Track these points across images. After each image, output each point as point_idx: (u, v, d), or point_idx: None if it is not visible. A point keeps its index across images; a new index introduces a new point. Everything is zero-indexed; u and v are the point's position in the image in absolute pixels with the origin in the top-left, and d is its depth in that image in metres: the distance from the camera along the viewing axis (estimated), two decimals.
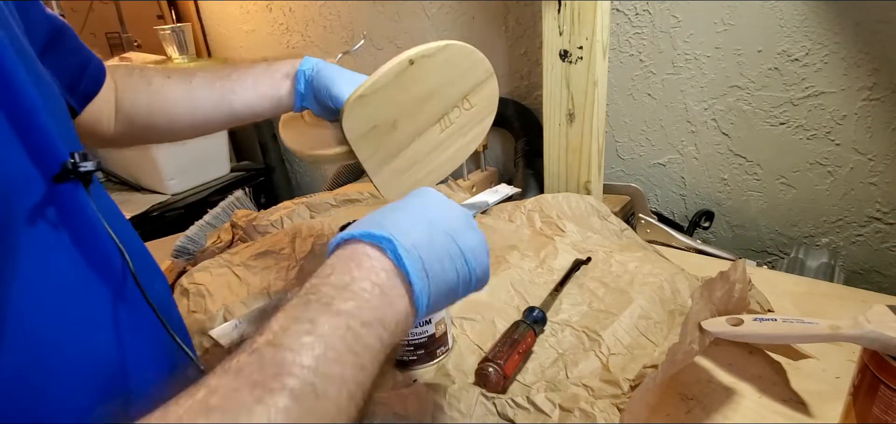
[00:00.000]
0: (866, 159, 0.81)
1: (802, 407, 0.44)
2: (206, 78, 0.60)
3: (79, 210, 0.38)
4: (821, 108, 0.82)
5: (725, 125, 0.92)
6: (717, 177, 0.96)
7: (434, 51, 0.55)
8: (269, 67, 0.60)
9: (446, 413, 0.45)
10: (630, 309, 0.55)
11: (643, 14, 0.93)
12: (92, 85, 0.55)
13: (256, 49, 1.70)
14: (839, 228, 0.88)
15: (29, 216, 0.34)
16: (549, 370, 0.50)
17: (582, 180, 0.86)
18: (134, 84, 0.60)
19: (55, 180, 0.36)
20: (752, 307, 0.51)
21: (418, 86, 0.55)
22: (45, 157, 0.36)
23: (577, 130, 0.83)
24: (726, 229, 0.99)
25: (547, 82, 0.84)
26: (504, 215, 0.81)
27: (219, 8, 1.75)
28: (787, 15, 0.80)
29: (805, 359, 0.47)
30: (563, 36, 0.79)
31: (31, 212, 0.34)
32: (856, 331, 0.36)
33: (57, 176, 0.36)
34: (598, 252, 0.68)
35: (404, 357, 0.51)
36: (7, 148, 0.33)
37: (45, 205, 0.35)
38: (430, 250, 0.35)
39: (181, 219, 1.34)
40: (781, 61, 0.83)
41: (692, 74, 0.92)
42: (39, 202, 0.35)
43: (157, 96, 0.59)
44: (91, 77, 0.55)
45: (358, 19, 1.39)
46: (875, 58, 0.76)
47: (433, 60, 0.55)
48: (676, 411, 0.45)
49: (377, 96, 0.53)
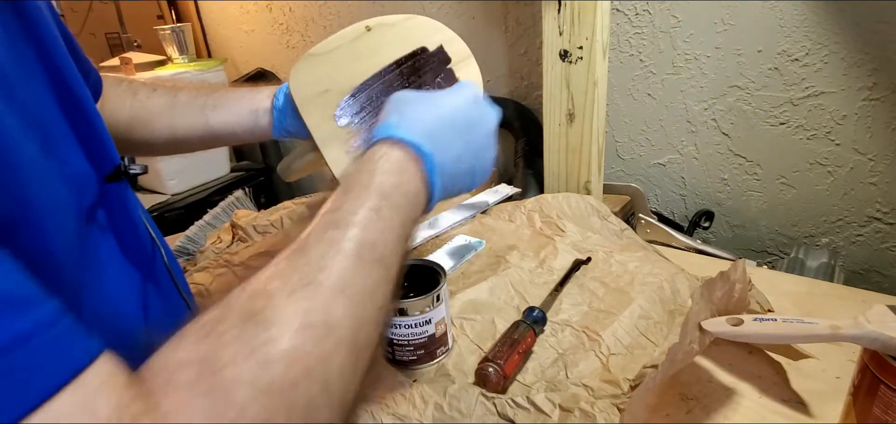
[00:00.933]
0: (866, 159, 0.81)
1: (802, 407, 0.44)
2: (189, 95, 0.60)
3: (124, 207, 0.42)
4: (821, 108, 0.82)
5: (725, 125, 0.92)
6: (717, 177, 0.96)
7: (395, 21, 0.53)
8: (251, 88, 0.60)
9: (446, 413, 0.45)
10: (630, 309, 0.55)
11: (643, 14, 0.93)
12: (94, 94, 0.56)
13: (256, 49, 1.70)
14: (839, 228, 0.88)
15: (86, 213, 0.37)
16: (549, 370, 0.50)
17: (582, 180, 0.86)
18: (119, 95, 0.60)
19: (107, 180, 0.40)
20: (752, 307, 0.51)
21: (376, 56, 0.53)
22: (100, 158, 0.39)
23: (577, 130, 0.83)
24: (726, 229, 0.99)
25: (547, 82, 0.84)
26: (504, 215, 0.81)
27: (219, 8, 1.75)
28: (787, 15, 0.80)
29: (805, 359, 0.47)
30: (563, 36, 0.79)
31: (89, 208, 0.37)
32: (856, 331, 0.36)
33: (109, 176, 0.40)
34: (598, 252, 0.68)
35: (404, 357, 0.51)
36: (68, 148, 0.36)
37: (98, 203, 0.39)
38: (454, 168, 0.42)
39: (181, 219, 1.35)
40: (781, 61, 0.83)
41: (692, 74, 0.92)
42: (95, 200, 0.38)
43: (140, 108, 0.59)
44: (93, 86, 0.56)
45: (358, 19, 1.39)
46: (875, 58, 0.76)
47: (393, 30, 0.53)
48: (676, 411, 0.45)
49: (329, 57, 0.51)
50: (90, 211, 0.38)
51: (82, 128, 0.38)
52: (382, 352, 0.52)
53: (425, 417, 0.45)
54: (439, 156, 0.40)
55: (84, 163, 0.38)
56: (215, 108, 0.58)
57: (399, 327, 0.49)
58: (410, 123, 0.40)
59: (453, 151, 0.42)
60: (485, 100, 0.48)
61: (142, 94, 0.60)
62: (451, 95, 0.45)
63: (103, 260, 0.39)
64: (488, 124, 0.47)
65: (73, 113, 0.37)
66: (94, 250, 0.38)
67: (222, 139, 0.59)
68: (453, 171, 0.42)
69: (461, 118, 0.44)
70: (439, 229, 0.78)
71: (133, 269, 0.42)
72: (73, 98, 0.37)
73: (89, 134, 0.38)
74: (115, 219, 0.41)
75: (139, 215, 0.44)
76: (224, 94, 0.59)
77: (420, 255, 0.71)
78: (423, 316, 0.49)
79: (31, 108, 0.32)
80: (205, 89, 0.60)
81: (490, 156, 0.47)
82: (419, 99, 0.43)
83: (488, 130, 0.47)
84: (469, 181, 0.46)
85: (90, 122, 0.39)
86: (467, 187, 0.46)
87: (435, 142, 0.40)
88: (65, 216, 0.33)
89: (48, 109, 0.35)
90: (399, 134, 0.39)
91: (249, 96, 0.58)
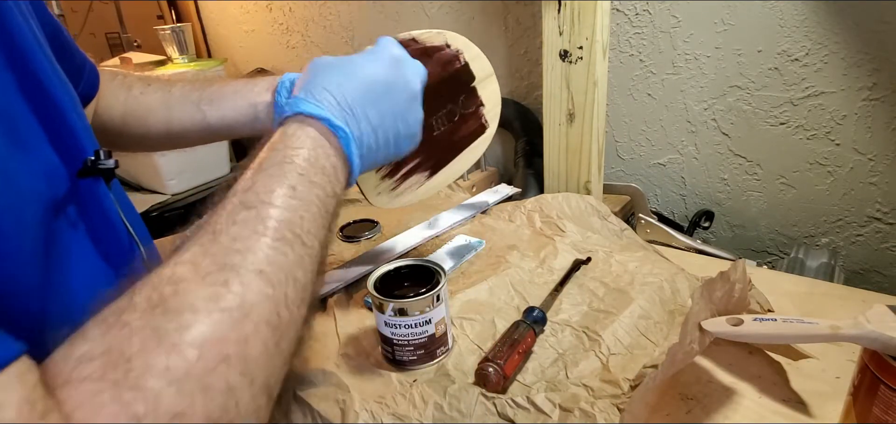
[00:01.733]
0: (866, 159, 0.82)
1: (802, 407, 0.44)
2: (185, 89, 0.58)
3: (98, 203, 0.40)
4: (821, 108, 0.82)
5: (725, 125, 0.92)
6: (717, 177, 0.96)
7: (424, 34, 0.54)
8: (249, 81, 0.58)
9: (446, 413, 0.45)
10: (630, 309, 0.55)
11: (643, 14, 0.93)
12: (90, 88, 0.55)
13: (256, 49, 1.70)
14: (839, 228, 0.88)
15: (54, 208, 0.36)
16: (549, 370, 0.50)
17: (582, 180, 0.86)
18: (114, 89, 0.59)
19: (79, 175, 0.38)
20: (752, 307, 0.51)
21: None
22: (71, 153, 0.38)
23: (577, 130, 0.83)
24: (726, 229, 0.99)
25: (547, 82, 0.84)
26: (504, 215, 0.81)
27: (219, 8, 1.76)
28: (787, 15, 0.80)
29: (805, 359, 0.47)
30: (563, 36, 0.79)
31: (57, 204, 0.36)
32: (856, 331, 0.36)
33: (80, 171, 0.38)
34: (598, 252, 0.68)
35: (404, 357, 0.51)
36: (37, 144, 0.35)
37: (69, 198, 0.38)
38: (374, 138, 0.42)
39: (181, 219, 1.34)
40: (781, 61, 0.83)
41: (692, 74, 0.92)
42: (64, 195, 0.37)
43: (135, 103, 0.58)
44: (88, 80, 0.55)
45: (358, 19, 1.39)
46: (875, 58, 0.76)
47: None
48: (676, 411, 0.45)
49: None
50: (59, 205, 0.37)
51: (52, 123, 0.37)
52: (381, 351, 0.52)
53: (425, 417, 0.45)
54: (356, 128, 0.40)
55: (53, 157, 0.37)
56: (211, 102, 0.56)
57: (399, 327, 0.49)
58: (323, 95, 0.40)
59: (371, 121, 0.41)
60: (404, 60, 0.46)
61: (136, 88, 0.59)
62: (367, 61, 0.44)
63: (74, 256, 0.38)
64: (410, 86, 0.46)
65: (42, 108, 0.36)
66: (65, 245, 0.37)
67: (220, 134, 0.58)
68: (373, 141, 0.42)
69: (378, 84, 0.43)
70: (439, 229, 0.78)
71: (107, 266, 0.41)
72: (42, 93, 0.37)
73: (60, 130, 0.38)
74: (88, 214, 0.39)
75: (116, 211, 0.42)
76: (220, 88, 0.58)
77: (420, 255, 0.71)
78: (423, 316, 0.49)
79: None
80: (200, 84, 0.59)
81: (415, 119, 0.46)
82: (333, 67, 0.42)
83: (410, 91, 0.46)
84: (394, 149, 0.45)
85: (62, 117, 0.38)
86: (393, 154, 0.46)
87: (349, 114, 0.40)
88: (27, 209, 0.32)
89: (15, 103, 0.34)
90: (310, 110, 0.38)
91: (246, 90, 0.57)
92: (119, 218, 0.42)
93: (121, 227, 0.43)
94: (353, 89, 0.41)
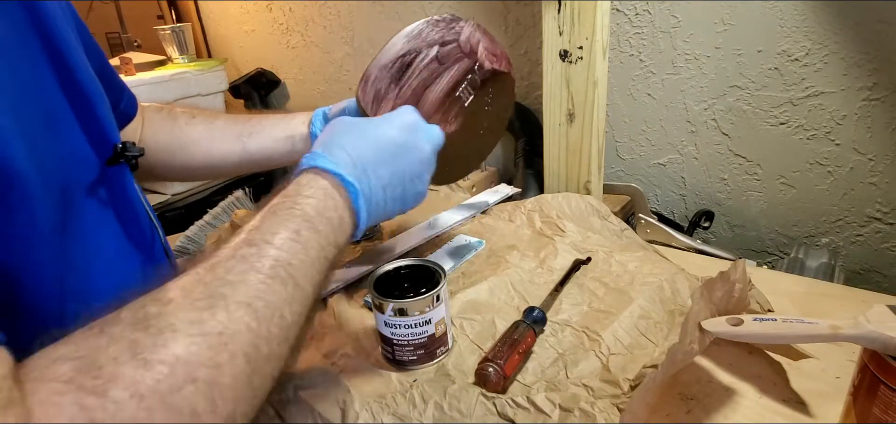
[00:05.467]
0: (866, 158, 0.82)
1: (802, 407, 0.44)
2: (227, 121, 0.63)
3: (123, 188, 0.45)
4: (821, 108, 0.82)
5: (725, 125, 0.92)
6: (717, 177, 0.96)
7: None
8: (285, 115, 0.63)
9: (446, 413, 0.45)
10: (630, 309, 0.55)
11: (643, 14, 0.93)
12: (130, 107, 0.60)
13: (256, 49, 1.70)
14: (839, 228, 0.88)
15: (86, 191, 0.40)
16: (549, 370, 0.50)
17: (582, 180, 0.86)
18: (160, 120, 0.63)
19: (108, 163, 0.43)
20: (752, 307, 0.51)
21: None
22: (101, 142, 0.43)
23: (577, 130, 0.83)
24: (726, 229, 0.99)
25: (547, 82, 0.84)
26: (504, 215, 0.81)
27: (219, 8, 1.76)
28: (787, 15, 0.80)
29: (805, 359, 0.47)
30: (563, 36, 0.79)
31: (88, 188, 0.41)
32: (856, 331, 0.36)
33: (109, 159, 0.43)
34: (598, 252, 0.68)
35: (404, 357, 0.51)
36: (70, 131, 0.40)
37: (98, 182, 0.42)
38: (383, 196, 0.44)
39: (181, 219, 1.34)
40: (781, 61, 0.83)
41: (692, 74, 0.92)
42: (94, 180, 0.41)
43: (180, 133, 0.63)
44: (128, 101, 0.60)
45: (358, 19, 1.39)
46: (875, 58, 0.76)
47: None
48: (676, 411, 0.45)
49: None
50: (90, 189, 0.40)
51: (84, 112, 0.41)
52: (381, 351, 0.53)
53: (425, 417, 0.45)
54: (366, 185, 0.42)
55: (84, 144, 0.40)
56: (251, 134, 0.61)
57: (399, 327, 0.49)
58: (338, 153, 0.42)
59: (382, 180, 0.44)
60: (418, 126, 0.49)
61: (181, 120, 0.63)
62: (384, 124, 0.47)
63: (104, 237, 0.41)
64: (421, 152, 0.48)
65: (75, 98, 0.40)
66: (95, 226, 0.40)
67: (259, 163, 0.63)
68: (382, 198, 0.44)
69: (391, 147, 0.46)
70: (439, 229, 0.78)
71: (133, 249, 0.45)
72: (76, 85, 0.40)
73: (91, 119, 0.41)
74: (115, 200, 0.43)
75: (139, 198, 0.46)
76: (259, 120, 0.63)
77: (420, 255, 0.71)
78: (423, 316, 0.49)
79: (31, 82, 0.35)
80: (242, 118, 0.64)
81: (423, 181, 0.50)
82: (351, 127, 0.45)
83: (421, 157, 0.48)
84: (399, 207, 0.48)
85: (93, 109, 0.42)
86: (398, 211, 0.48)
87: (362, 172, 0.42)
88: (56, 187, 0.35)
89: (50, 89, 0.38)
90: (325, 164, 0.41)
91: (284, 123, 0.61)
92: (142, 205, 0.47)
93: (143, 213, 0.47)
94: (366, 148, 0.44)
